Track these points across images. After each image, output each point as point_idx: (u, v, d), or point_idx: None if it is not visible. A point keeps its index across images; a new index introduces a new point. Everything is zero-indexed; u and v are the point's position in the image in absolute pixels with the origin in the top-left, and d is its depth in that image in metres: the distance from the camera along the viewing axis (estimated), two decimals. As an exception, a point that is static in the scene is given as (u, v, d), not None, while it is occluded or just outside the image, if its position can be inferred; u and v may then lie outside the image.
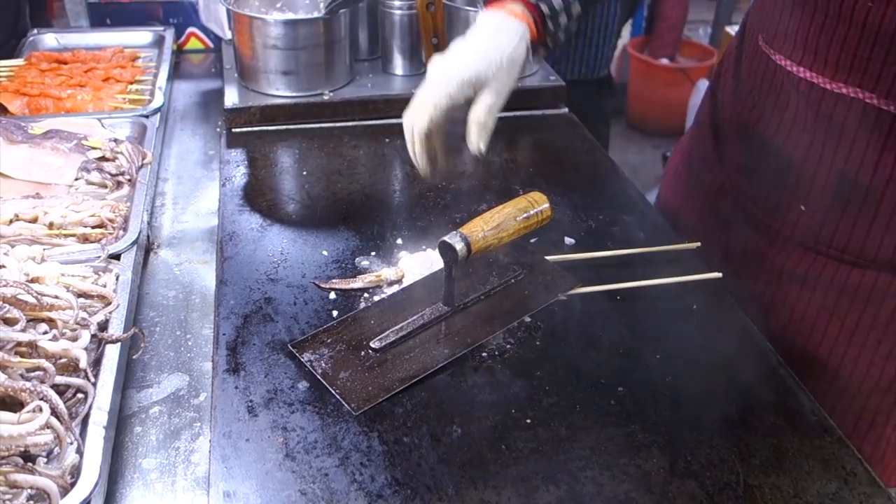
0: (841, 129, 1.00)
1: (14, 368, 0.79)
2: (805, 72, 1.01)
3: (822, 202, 1.05)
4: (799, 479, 0.82)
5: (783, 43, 1.04)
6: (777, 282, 1.15)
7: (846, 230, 1.04)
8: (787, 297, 1.14)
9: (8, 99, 1.47)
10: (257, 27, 1.48)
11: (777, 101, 1.07)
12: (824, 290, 1.09)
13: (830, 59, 0.97)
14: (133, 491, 0.83)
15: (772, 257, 1.15)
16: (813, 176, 1.05)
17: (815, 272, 1.09)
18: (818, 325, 1.11)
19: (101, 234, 1.10)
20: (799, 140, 1.05)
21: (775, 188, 1.11)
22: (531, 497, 0.79)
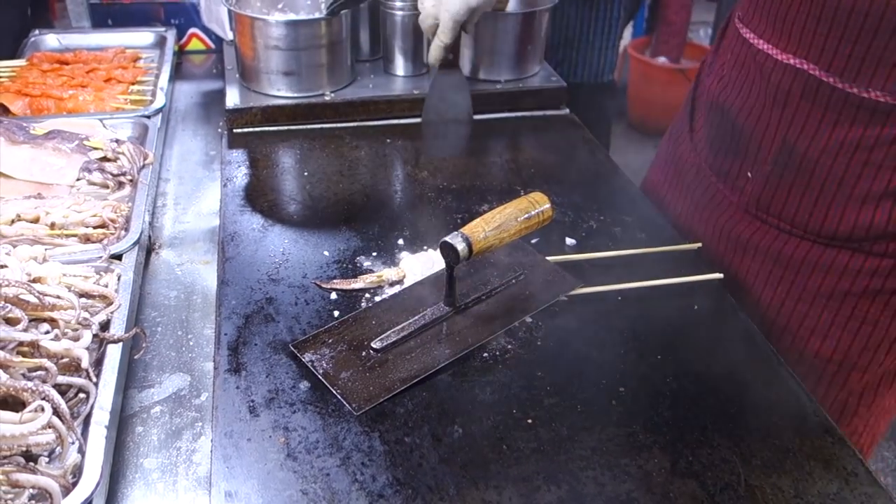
0: (786, 99, 1.05)
1: (16, 368, 0.79)
2: (764, 45, 1.07)
3: (765, 170, 1.10)
4: (800, 480, 0.82)
5: (752, 19, 1.10)
6: (729, 248, 1.20)
7: (782, 198, 1.10)
8: (736, 264, 1.19)
9: (9, 99, 1.47)
10: (259, 28, 1.48)
11: (740, 73, 1.14)
12: (762, 257, 1.14)
13: (785, 31, 1.03)
14: (134, 491, 0.83)
15: (723, 224, 1.20)
16: (759, 144, 1.11)
17: (756, 240, 1.15)
18: (754, 290, 1.17)
19: (103, 235, 1.10)
20: (752, 110, 1.11)
21: (728, 156, 1.18)
22: (532, 497, 0.79)
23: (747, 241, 1.16)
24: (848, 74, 0.98)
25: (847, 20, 0.95)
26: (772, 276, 1.14)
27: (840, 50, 0.97)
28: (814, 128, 1.03)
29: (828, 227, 1.06)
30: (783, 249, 1.12)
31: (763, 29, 1.07)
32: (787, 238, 1.11)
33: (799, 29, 1.00)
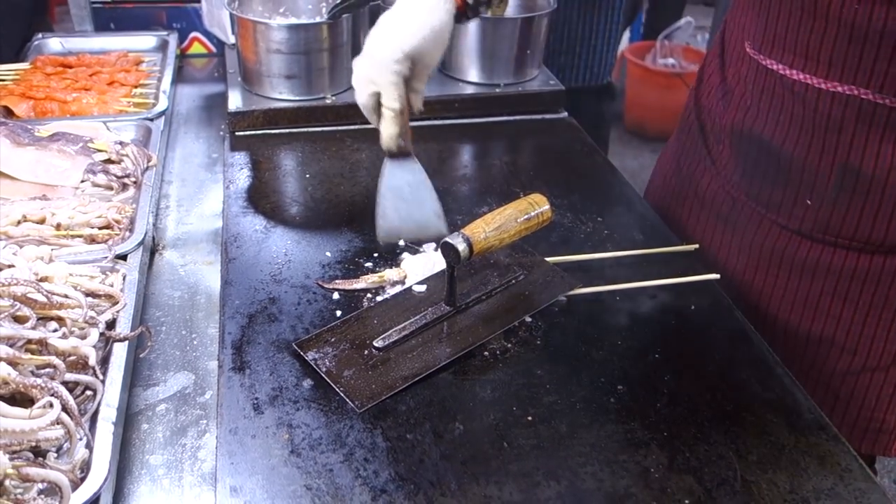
0: (840, 126, 1.03)
1: (25, 365, 0.81)
2: (798, 74, 1.04)
3: (828, 195, 1.09)
4: (795, 476, 0.84)
5: (773, 48, 1.07)
6: (785, 272, 1.18)
7: (854, 220, 1.08)
8: (798, 287, 1.17)
9: (14, 102, 1.49)
10: (261, 32, 1.50)
11: (771, 103, 1.11)
12: (836, 276, 1.13)
13: (822, 60, 1.01)
14: (141, 486, 0.84)
15: (780, 249, 1.17)
16: (816, 171, 1.08)
17: (826, 261, 1.13)
18: (833, 309, 1.15)
19: (108, 235, 1.12)
20: (798, 139, 1.08)
21: (778, 186, 1.14)
22: (532, 492, 0.81)
23: (816, 265, 1.14)
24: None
25: (885, 41, 0.94)
26: (850, 292, 1.13)
27: (891, 71, 0.96)
28: (875, 147, 1.02)
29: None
30: (858, 265, 1.11)
31: (792, 59, 1.05)
32: (857, 255, 1.10)
33: (841, 57, 0.99)
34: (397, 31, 1.05)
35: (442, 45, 1.09)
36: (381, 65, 1.05)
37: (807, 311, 1.17)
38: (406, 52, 1.04)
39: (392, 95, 1.05)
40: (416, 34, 1.05)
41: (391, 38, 1.05)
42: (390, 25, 1.06)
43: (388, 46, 1.04)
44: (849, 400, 1.17)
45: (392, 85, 1.05)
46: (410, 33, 1.05)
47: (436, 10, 1.06)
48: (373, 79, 1.06)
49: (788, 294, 1.18)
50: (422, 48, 1.05)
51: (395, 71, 1.04)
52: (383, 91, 1.06)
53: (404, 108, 1.08)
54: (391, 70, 1.04)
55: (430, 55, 1.08)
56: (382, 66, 1.05)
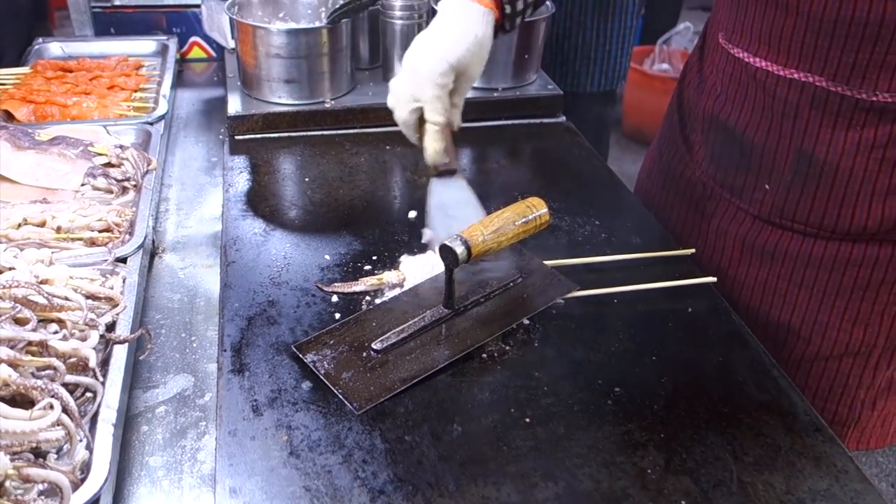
0: (796, 111, 1.08)
1: (26, 367, 0.81)
2: (761, 62, 1.09)
3: (784, 180, 1.13)
4: (791, 477, 0.84)
5: (741, 38, 1.12)
6: (748, 258, 1.22)
7: (807, 204, 1.12)
8: (758, 272, 1.21)
9: (15, 106, 1.49)
10: (260, 36, 1.50)
11: (737, 90, 1.16)
12: (792, 262, 1.16)
13: (783, 48, 1.05)
14: (140, 488, 0.85)
15: (742, 235, 1.22)
16: (774, 156, 1.13)
17: (783, 246, 1.16)
18: (789, 295, 1.18)
19: (108, 238, 1.12)
20: (759, 124, 1.13)
21: (740, 171, 1.19)
22: (530, 493, 0.81)
23: (774, 250, 1.17)
24: (854, 81, 1.01)
25: (847, 31, 0.98)
26: (805, 278, 1.16)
27: (843, 60, 1.00)
28: (828, 134, 1.06)
29: (855, 224, 1.09)
30: (812, 251, 1.14)
31: (757, 47, 1.09)
32: (813, 241, 1.14)
33: (798, 45, 1.03)
34: (440, 43, 1.04)
35: (484, 58, 1.08)
36: (426, 78, 1.03)
37: (768, 296, 1.20)
38: (451, 63, 1.03)
39: (437, 109, 1.04)
40: (459, 45, 1.04)
41: (435, 51, 1.04)
42: (432, 39, 1.05)
43: (433, 59, 1.03)
44: (803, 388, 1.20)
45: (436, 99, 1.04)
46: (454, 45, 1.04)
47: (477, 23, 1.06)
48: (415, 94, 1.05)
49: (754, 280, 1.22)
50: (466, 59, 1.04)
51: (439, 84, 1.03)
52: (427, 105, 1.04)
53: (449, 123, 1.07)
54: (436, 83, 1.03)
55: (473, 67, 1.07)
56: (427, 80, 1.03)
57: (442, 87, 1.03)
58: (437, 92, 1.03)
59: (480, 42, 1.06)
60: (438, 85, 1.03)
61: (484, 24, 1.06)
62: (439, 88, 1.03)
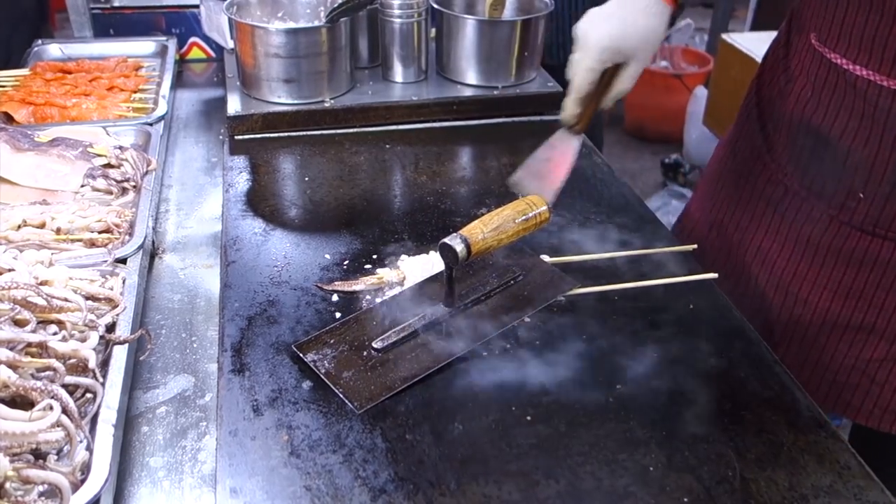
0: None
1: (25, 368, 0.81)
2: (862, 70, 1.05)
3: (882, 191, 1.09)
4: (794, 473, 0.84)
5: (837, 42, 1.08)
6: (832, 260, 1.18)
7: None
8: (842, 275, 1.18)
9: (14, 108, 1.49)
10: (259, 36, 1.50)
11: (832, 96, 1.11)
12: (882, 268, 1.14)
13: (887, 58, 1.01)
14: (141, 489, 0.85)
15: (828, 240, 1.18)
16: (872, 167, 1.09)
17: (873, 253, 1.14)
18: (875, 299, 1.16)
19: (108, 240, 1.12)
20: (857, 133, 1.09)
21: (831, 177, 1.15)
22: (531, 491, 0.81)
23: (863, 255, 1.15)
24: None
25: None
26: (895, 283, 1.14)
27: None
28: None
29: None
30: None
31: (857, 54, 1.05)
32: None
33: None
34: (610, 23, 1.08)
35: (652, 48, 1.11)
36: (586, 52, 1.08)
37: (849, 299, 1.18)
38: (615, 46, 1.07)
39: (584, 80, 1.10)
40: (628, 32, 1.08)
41: (603, 28, 1.08)
42: (605, 16, 1.09)
43: (598, 35, 1.08)
44: (883, 384, 1.18)
45: (586, 70, 1.09)
46: (623, 29, 1.08)
47: (652, 13, 1.09)
48: (575, 61, 1.10)
49: (831, 282, 1.19)
50: (633, 47, 1.08)
51: (595, 59, 1.08)
52: (577, 75, 1.10)
53: (588, 97, 1.12)
54: (592, 57, 1.08)
55: (640, 55, 1.10)
56: (587, 54, 1.08)
57: (598, 61, 1.08)
58: (591, 65, 1.08)
59: (654, 34, 1.09)
60: (596, 60, 1.08)
61: (660, 16, 1.09)
62: (594, 62, 1.08)
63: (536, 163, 1.19)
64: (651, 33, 1.09)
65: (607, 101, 1.15)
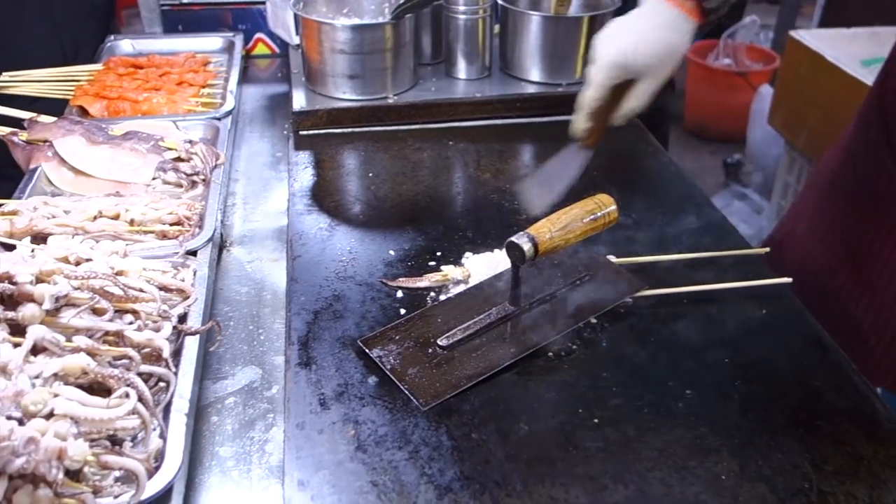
0: None
1: (102, 356, 0.83)
2: None
3: None
4: (875, 488, 0.81)
5: None
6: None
7: None
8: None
9: (89, 102, 1.53)
10: (325, 32, 1.51)
11: None
12: None
13: None
14: (211, 477, 0.86)
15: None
16: None
17: None
18: None
19: (179, 231, 1.14)
20: None
21: None
22: (599, 496, 0.80)
23: None
24: None
25: None
26: None
27: None
28: None
29: None
30: None
31: None
32: None
33: None
34: (628, 38, 1.05)
35: (673, 65, 1.07)
36: (598, 63, 1.06)
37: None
38: (628, 62, 1.04)
39: (593, 94, 1.08)
40: (647, 48, 1.04)
41: (618, 43, 1.05)
42: (624, 29, 1.06)
43: (613, 49, 1.05)
44: None
45: (595, 86, 1.08)
46: (640, 44, 1.04)
47: (675, 30, 1.04)
48: (589, 74, 1.08)
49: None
50: (650, 64, 1.05)
51: (607, 75, 1.06)
52: (589, 88, 1.09)
53: (597, 112, 1.10)
54: (603, 73, 1.06)
55: (657, 72, 1.07)
56: (599, 65, 1.06)
57: (612, 77, 1.06)
58: (600, 80, 1.06)
59: (672, 50, 1.05)
60: (608, 75, 1.06)
61: (681, 31, 1.04)
62: (608, 78, 1.06)
63: (544, 173, 1.19)
64: (669, 50, 1.05)
65: (617, 119, 1.13)
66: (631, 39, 1.04)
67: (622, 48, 1.04)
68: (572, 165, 1.16)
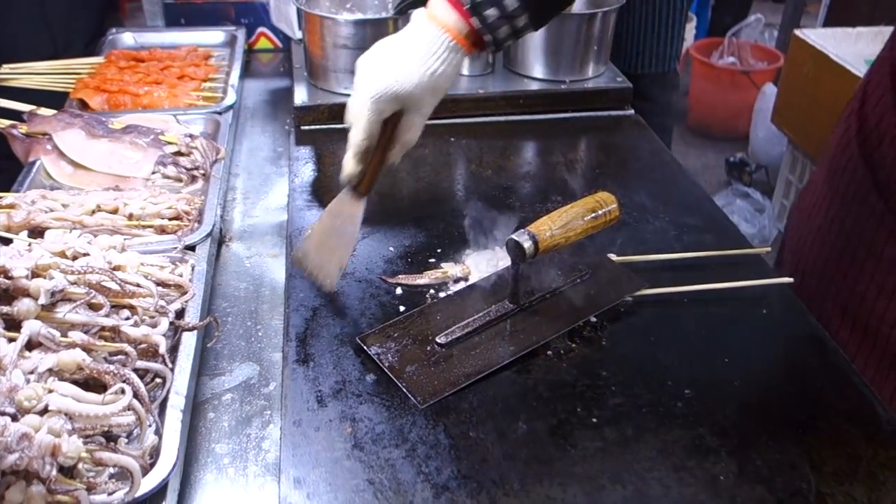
0: None
1: (98, 352, 0.83)
2: None
3: None
4: (874, 489, 0.80)
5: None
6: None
7: None
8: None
9: (89, 95, 1.53)
10: (328, 27, 1.51)
11: None
12: None
13: None
14: (207, 474, 0.85)
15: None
16: None
17: None
18: None
19: (178, 226, 1.14)
20: None
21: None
22: (597, 496, 0.79)
23: None
24: None
25: None
26: None
27: None
28: None
29: None
30: None
31: None
32: None
33: None
34: (393, 68, 0.95)
35: (440, 94, 1.00)
36: (362, 97, 0.96)
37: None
38: (396, 94, 0.95)
39: (360, 129, 0.97)
40: (411, 78, 0.95)
41: (384, 74, 0.95)
42: (387, 59, 0.96)
43: (378, 82, 0.94)
44: None
45: (366, 121, 0.96)
46: (405, 75, 0.95)
47: (440, 58, 0.96)
48: (351, 109, 0.98)
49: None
50: (416, 96, 0.96)
51: (372, 110, 0.95)
52: (355, 124, 0.98)
53: (368, 150, 0.99)
54: (368, 107, 0.95)
55: (424, 103, 0.98)
56: (362, 99, 0.96)
57: (376, 112, 0.96)
58: (369, 115, 0.96)
59: (437, 80, 0.96)
60: (371, 110, 0.95)
61: (447, 61, 0.96)
62: (371, 113, 0.96)
63: (319, 234, 1.05)
64: (435, 80, 0.96)
65: (394, 156, 1.02)
66: (396, 67, 0.95)
67: (386, 77, 0.94)
68: (350, 220, 1.03)
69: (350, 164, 1.01)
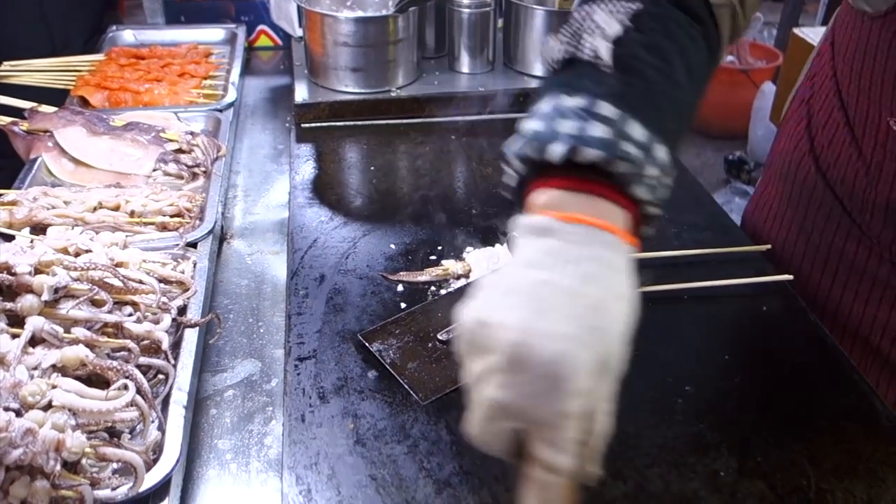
0: None
1: (101, 348, 0.83)
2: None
3: None
4: (873, 486, 0.81)
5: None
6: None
7: None
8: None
9: (90, 92, 1.53)
10: (328, 24, 1.51)
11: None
12: None
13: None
14: (209, 470, 0.86)
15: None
16: None
17: None
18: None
19: (179, 223, 1.14)
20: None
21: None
22: (598, 491, 0.79)
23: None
24: None
25: None
26: None
27: None
28: None
29: None
30: None
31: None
32: None
33: None
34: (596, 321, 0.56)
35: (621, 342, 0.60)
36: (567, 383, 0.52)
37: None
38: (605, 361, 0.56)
39: (568, 443, 0.54)
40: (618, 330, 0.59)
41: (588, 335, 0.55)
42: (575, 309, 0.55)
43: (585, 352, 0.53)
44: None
45: (573, 423, 0.53)
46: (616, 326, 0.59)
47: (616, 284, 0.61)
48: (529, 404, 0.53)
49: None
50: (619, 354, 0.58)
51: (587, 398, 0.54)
52: (551, 433, 0.54)
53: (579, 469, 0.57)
54: (582, 396, 0.53)
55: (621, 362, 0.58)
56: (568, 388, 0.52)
57: (590, 402, 0.54)
58: (579, 411, 0.53)
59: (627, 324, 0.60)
60: (586, 399, 0.54)
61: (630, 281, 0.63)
62: (585, 405, 0.54)
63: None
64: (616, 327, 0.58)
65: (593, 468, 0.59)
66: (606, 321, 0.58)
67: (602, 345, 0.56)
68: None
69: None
